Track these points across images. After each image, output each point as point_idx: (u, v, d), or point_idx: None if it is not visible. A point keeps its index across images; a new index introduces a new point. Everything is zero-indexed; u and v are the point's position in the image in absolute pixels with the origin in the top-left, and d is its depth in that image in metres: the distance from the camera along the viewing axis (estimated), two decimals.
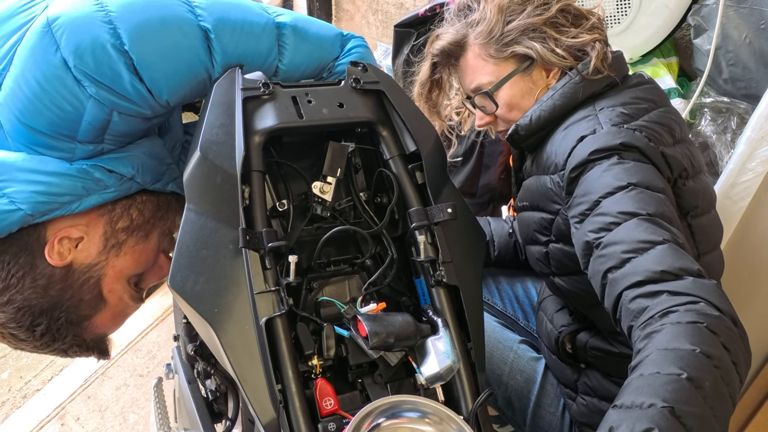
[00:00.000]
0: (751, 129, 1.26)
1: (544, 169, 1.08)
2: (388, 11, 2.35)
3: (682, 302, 0.77)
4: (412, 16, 1.87)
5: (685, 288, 0.79)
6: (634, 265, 0.84)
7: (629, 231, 0.87)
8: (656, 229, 0.86)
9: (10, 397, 2.00)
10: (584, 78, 1.08)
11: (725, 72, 1.42)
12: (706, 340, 0.73)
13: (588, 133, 1.00)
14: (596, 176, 0.95)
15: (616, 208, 0.90)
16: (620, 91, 1.09)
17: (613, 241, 0.88)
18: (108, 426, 1.88)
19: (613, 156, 0.96)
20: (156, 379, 1.31)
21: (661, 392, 0.69)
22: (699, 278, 0.81)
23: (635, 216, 0.88)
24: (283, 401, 0.78)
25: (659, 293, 0.80)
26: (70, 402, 1.94)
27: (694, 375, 0.70)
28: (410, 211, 0.93)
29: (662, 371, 0.71)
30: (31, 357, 2.10)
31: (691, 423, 0.67)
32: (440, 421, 0.75)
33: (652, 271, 0.82)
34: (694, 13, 1.46)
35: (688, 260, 0.83)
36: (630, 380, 0.73)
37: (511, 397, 1.29)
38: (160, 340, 2.09)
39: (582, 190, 0.97)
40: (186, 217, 0.85)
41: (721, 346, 0.73)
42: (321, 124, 0.93)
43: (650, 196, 0.91)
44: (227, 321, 0.80)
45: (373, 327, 0.81)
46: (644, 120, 1.02)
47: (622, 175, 0.93)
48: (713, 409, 0.69)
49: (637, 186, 0.91)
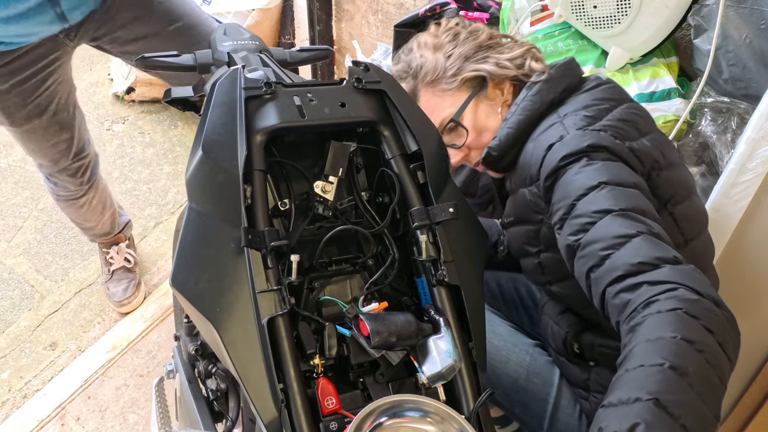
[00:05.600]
0: (752, 129, 1.26)
1: (521, 183, 1.11)
2: (388, 11, 2.35)
3: (662, 290, 0.79)
4: (412, 16, 1.87)
5: (663, 276, 0.80)
6: (613, 260, 0.86)
7: (605, 228, 0.89)
8: (630, 223, 0.88)
9: (10, 397, 2.00)
10: (539, 83, 1.12)
11: (725, 72, 1.42)
12: (686, 325, 0.74)
13: (556, 141, 1.03)
14: (569, 180, 0.98)
15: (590, 208, 0.92)
16: (579, 95, 1.11)
17: (591, 240, 0.90)
18: (108, 426, 1.88)
19: (583, 158, 0.98)
20: (157, 378, 1.31)
21: (645, 385, 0.69)
22: (676, 265, 0.82)
23: (609, 213, 0.90)
24: (284, 400, 0.78)
25: (639, 285, 0.81)
26: (70, 402, 1.93)
27: (677, 363, 0.70)
28: (412, 210, 0.93)
29: (646, 363, 0.72)
30: (31, 357, 2.10)
31: (678, 411, 0.67)
32: (442, 420, 0.75)
33: (630, 264, 0.83)
34: (694, 13, 1.46)
35: (664, 249, 0.85)
36: (616, 377, 0.74)
37: (528, 401, 1.28)
38: (160, 341, 2.09)
39: (558, 196, 0.99)
40: (188, 216, 0.85)
41: (703, 329, 0.74)
42: (323, 124, 0.93)
43: (622, 192, 0.93)
44: (229, 320, 0.81)
45: (375, 326, 0.82)
46: (608, 119, 1.05)
47: (592, 176, 0.95)
48: (701, 394, 0.69)
49: (608, 184, 0.93)
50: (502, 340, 1.29)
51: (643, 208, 0.92)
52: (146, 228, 2.47)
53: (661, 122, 1.49)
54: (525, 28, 1.63)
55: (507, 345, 1.29)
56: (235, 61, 1.17)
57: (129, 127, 2.84)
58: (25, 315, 2.20)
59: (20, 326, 2.17)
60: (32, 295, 2.25)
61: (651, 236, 0.86)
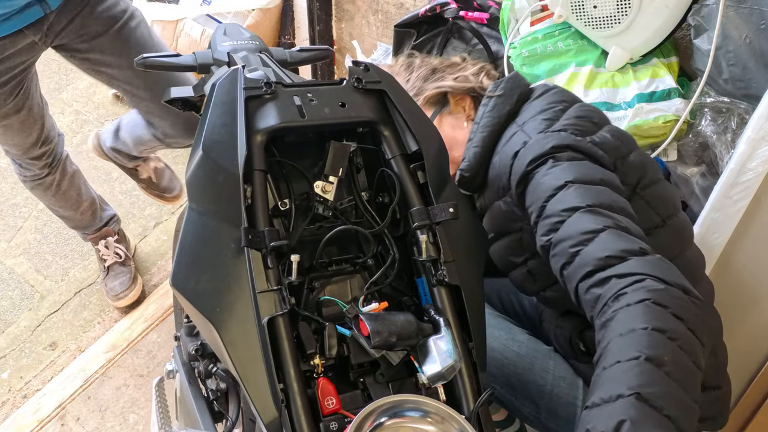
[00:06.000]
0: (752, 129, 1.26)
1: (494, 196, 1.13)
2: (388, 11, 2.35)
3: (630, 282, 0.80)
4: (412, 16, 1.87)
5: (630, 268, 0.82)
6: (582, 257, 0.88)
7: (573, 225, 0.91)
8: (597, 218, 0.90)
9: (10, 397, 2.00)
10: (493, 98, 1.17)
11: (725, 72, 1.42)
12: (656, 315, 0.75)
13: (520, 148, 1.06)
14: (537, 183, 1.00)
15: (558, 207, 0.94)
16: (533, 103, 1.16)
17: (561, 238, 0.92)
18: (108, 426, 1.88)
19: (548, 160, 1.01)
20: (157, 378, 1.31)
21: (625, 380, 0.70)
22: (642, 256, 0.84)
23: (576, 210, 0.92)
24: (284, 400, 0.78)
25: (608, 279, 0.83)
26: (70, 402, 1.93)
27: (652, 354, 0.71)
28: (412, 210, 0.93)
29: (622, 359, 0.72)
30: (31, 357, 2.10)
31: (661, 402, 0.68)
32: (442, 420, 0.75)
33: (598, 259, 0.85)
34: (694, 13, 1.46)
35: (630, 241, 0.86)
36: (595, 376, 0.75)
37: (557, 407, 1.25)
38: (160, 341, 2.09)
39: (530, 200, 1.02)
40: (188, 216, 0.85)
41: (672, 317, 0.75)
42: (323, 124, 0.93)
43: (588, 189, 0.95)
44: (229, 320, 0.81)
45: (375, 326, 0.82)
46: (565, 119, 1.08)
47: (559, 176, 0.98)
48: (679, 381, 0.70)
49: (575, 182, 0.96)
50: (523, 347, 1.28)
51: (610, 203, 0.94)
52: (146, 228, 2.47)
53: (661, 122, 1.49)
54: (525, 28, 1.63)
55: (529, 351, 1.28)
56: (235, 61, 1.17)
57: None
58: (25, 315, 2.20)
59: (20, 326, 2.17)
60: (32, 295, 2.25)
61: (618, 230, 0.88)
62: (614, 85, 1.54)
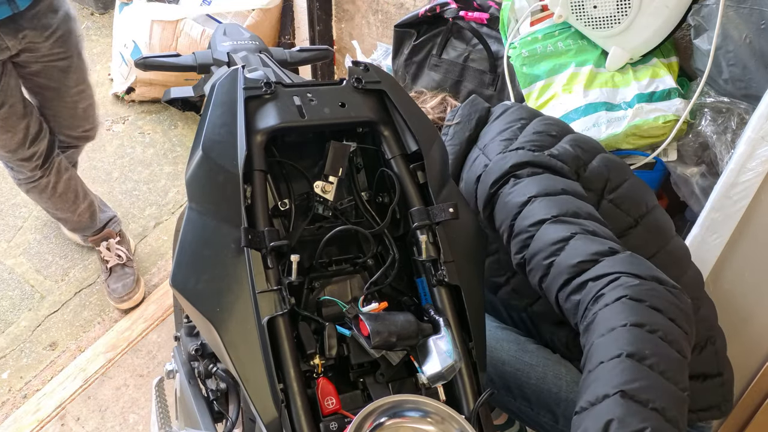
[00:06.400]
0: (752, 129, 1.26)
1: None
2: (388, 11, 2.35)
3: (605, 283, 0.82)
4: (412, 16, 1.87)
5: (603, 269, 0.84)
6: (556, 266, 0.90)
7: (542, 238, 0.94)
8: (564, 227, 0.92)
9: (10, 397, 2.00)
10: (451, 126, 1.19)
11: (725, 72, 1.42)
12: (633, 310, 0.76)
13: (481, 172, 1.09)
14: (503, 204, 1.03)
15: (526, 223, 0.97)
16: (492, 125, 1.18)
17: (533, 252, 0.94)
18: (108, 426, 1.88)
19: (510, 179, 1.03)
20: (157, 378, 1.31)
21: (608, 380, 0.71)
22: (612, 255, 0.86)
23: (543, 222, 0.95)
24: (284, 400, 0.78)
25: (584, 284, 0.85)
26: (70, 402, 1.93)
27: (633, 349, 0.72)
28: (412, 210, 0.93)
29: (605, 359, 0.73)
30: (31, 357, 2.10)
31: (646, 396, 0.69)
32: (442, 420, 0.75)
33: (571, 266, 0.88)
34: (694, 13, 1.46)
35: (599, 243, 0.89)
36: (582, 380, 0.76)
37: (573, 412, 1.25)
38: (160, 341, 2.08)
39: (499, 221, 1.04)
40: (188, 216, 0.85)
41: (650, 310, 0.76)
42: (323, 124, 0.93)
43: (551, 201, 0.97)
44: (229, 320, 0.81)
45: (375, 326, 0.82)
46: (523, 137, 1.11)
47: (521, 192, 1.00)
48: (663, 372, 0.71)
49: (537, 196, 0.98)
50: (534, 357, 1.26)
51: (575, 210, 0.96)
52: (146, 228, 2.47)
53: (661, 122, 1.49)
54: (525, 28, 1.63)
55: (540, 360, 1.26)
56: (235, 61, 1.17)
57: (129, 127, 2.84)
58: (25, 315, 2.20)
59: (20, 326, 2.17)
60: (32, 295, 2.25)
61: (586, 234, 0.91)
62: (614, 85, 1.54)
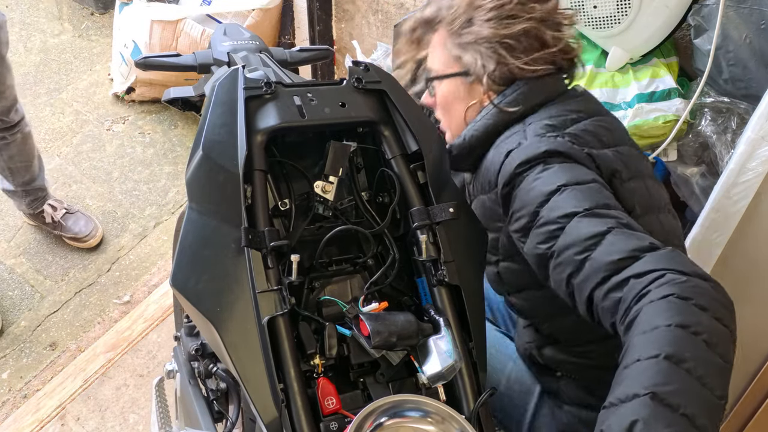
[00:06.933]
0: (752, 129, 1.26)
1: (481, 190, 1.08)
2: (388, 11, 2.35)
3: (650, 281, 0.77)
4: None
5: (646, 266, 0.79)
6: (592, 263, 0.84)
7: (575, 232, 0.87)
8: (598, 221, 0.86)
9: (10, 397, 2.00)
10: (500, 110, 1.07)
11: (725, 72, 1.43)
12: (679, 310, 0.73)
13: (514, 147, 1.01)
14: (528, 188, 0.96)
15: (555, 214, 0.90)
16: (550, 107, 1.08)
17: (563, 246, 0.88)
18: (108, 426, 1.88)
19: (539, 165, 0.96)
20: (157, 378, 1.31)
21: (642, 380, 0.69)
22: (654, 251, 0.81)
23: (575, 215, 0.88)
24: (285, 400, 0.78)
25: (626, 281, 0.80)
26: (70, 402, 1.93)
27: (673, 351, 0.69)
28: (412, 210, 0.93)
29: (642, 357, 0.71)
30: (31, 357, 2.10)
31: (677, 401, 0.66)
32: (442, 420, 0.75)
33: (610, 263, 0.82)
34: (694, 13, 1.46)
35: (638, 238, 0.83)
36: (616, 375, 0.73)
37: (506, 406, 1.27)
38: (160, 341, 2.08)
39: (518, 204, 0.97)
40: (188, 216, 0.85)
41: (696, 310, 0.73)
42: (323, 124, 0.93)
43: (582, 191, 0.91)
44: (229, 320, 0.81)
45: (375, 326, 0.82)
46: (571, 129, 1.03)
47: (550, 180, 0.93)
48: (701, 378, 0.68)
49: (567, 186, 0.92)
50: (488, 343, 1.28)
51: (607, 201, 0.90)
52: (146, 228, 2.47)
53: (661, 122, 1.49)
54: None
55: (490, 351, 1.24)
56: (235, 61, 1.17)
57: (129, 127, 2.83)
58: (25, 315, 2.20)
59: (20, 326, 2.17)
60: (32, 295, 2.25)
61: (622, 228, 0.85)
62: (614, 85, 1.54)
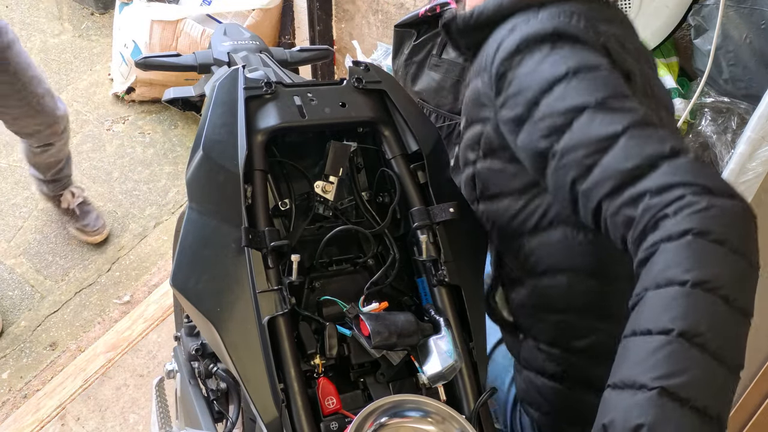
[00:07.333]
0: (752, 129, 1.26)
1: (476, 71, 0.94)
2: (388, 11, 2.35)
3: (667, 202, 0.68)
4: (412, 16, 1.87)
5: (663, 179, 0.70)
6: (602, 169, 0.74)
7: (583, 130, 0.75)
8: (612, 118, 0.74)
9: (10, 397, 2.00)
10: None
11: (725, 72, 1.43)
12: (697, 257, 0.65)
13: (520, 22, 0.86)
14: (528, 71, 0.82)
15: (560, 106, 0.77)
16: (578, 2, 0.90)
17: (568, 146, 0.76)
18: (108, 426, 1.88)
19: (545, 45, 0.81)
20: (157, 378, 1.31)
21: (651, 365, 0.63)
22: (674, 159, 0.71)
23: (584, 109, 0.76)
24: (285, 400, 0.78)
25: (640, 197, 0.70)
26: (70, 402, 1.93)
27: (687, 326, 0.63)
28: (412, 210, 0.93)
29: (653, 329, 0.65)
30: (31, 357, 2.10)
31: (687, 394, 0.61)
32: (442, 420, 0.75)
33: (623, 171, 0.72)
34: (694, 13, 1.46)
35: (656, 141, 0.72)
36: (625, 340, 0.67)
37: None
38: (160, 341, 2.08)
39: (514, 89, 0.83)
40: (188, 216, 0.85)
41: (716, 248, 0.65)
42: (323, 124, 0.93)
43: (594, 79, 0.78)
44: (229, 320, 0.81)
45: (376, 326, 0.82)
46: (590, 23, 0.87)
47: (557, 64, 0.79)
48: (717, 351, 0.63)
49: (578, 71, 0.78)
50: None
51: (621, 91, 0.77)
52: (146, 228, 2.47)
53: None
54: None
55: None
56: (236, 61, 1.17)
57: (129, 127, 2.84)
58: (25, 315, 2.20)
59: (20, 326, 2.17)
60: (32, 295, 2.25)
61: (639, 127, 0.73)
62: None
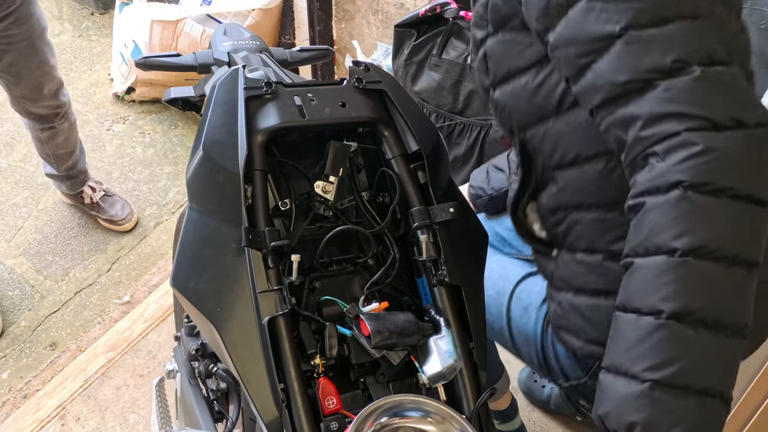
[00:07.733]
0: None
1: None
2: (388, 11, 2.35)
3: (659, 138, 0.62)
4: (412, 16, 1.87)
5: (656, 106, 0.63)
6: (594, 75, 0.67)
7: (577, 19, 0.68)
8: (609, 15, 0.66)
9: (10, 397, 2.00)
10: None
11: None
12: (689, 218, 0.60)
13: None
14: None
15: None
16: None
17: (562, 39, 0.70)
18: (108, 426, 1.88)
19: None
20: (157, 378, 1.31)
21: (641, 353, 0.61)
22: (674, 76, 0.63)
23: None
24: (285, 400, 0.78)
25: (632, 121, 0.65)
26: (70, 402, 1.93)
27: (679, 305, 0.60)
28: (412, 210, 0.93)
29: (643, 307, 0.62)
30: (31, 357, 2.10)
31: (684, 381, 0.60)
32: (442, 420, 0.75)
33: (614, 85, 0.66)
34: None
35: (656, 50, 0.64)
36: (617, 317, 0.65)
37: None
38: (160, 340, 2.08)
39: None
40: (188, 216, 0.86)
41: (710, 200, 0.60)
42: (323, 124, 0.93)
43: None
44: (230, 320, 0.81)
45: (376, 326, 0.82)
46: None
47: None
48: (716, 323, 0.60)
49: None
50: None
51: None
52: (146, 228, 2.47)
53: None
54: None
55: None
56: (236, 61, 1.17)
57: (129, 127, 2.84)
58: (25, 315, 2.20)
59: (20, 326, 2.17)
60: (32, 295, 2.25)
61: (639, 30, 0.65)
62: None
